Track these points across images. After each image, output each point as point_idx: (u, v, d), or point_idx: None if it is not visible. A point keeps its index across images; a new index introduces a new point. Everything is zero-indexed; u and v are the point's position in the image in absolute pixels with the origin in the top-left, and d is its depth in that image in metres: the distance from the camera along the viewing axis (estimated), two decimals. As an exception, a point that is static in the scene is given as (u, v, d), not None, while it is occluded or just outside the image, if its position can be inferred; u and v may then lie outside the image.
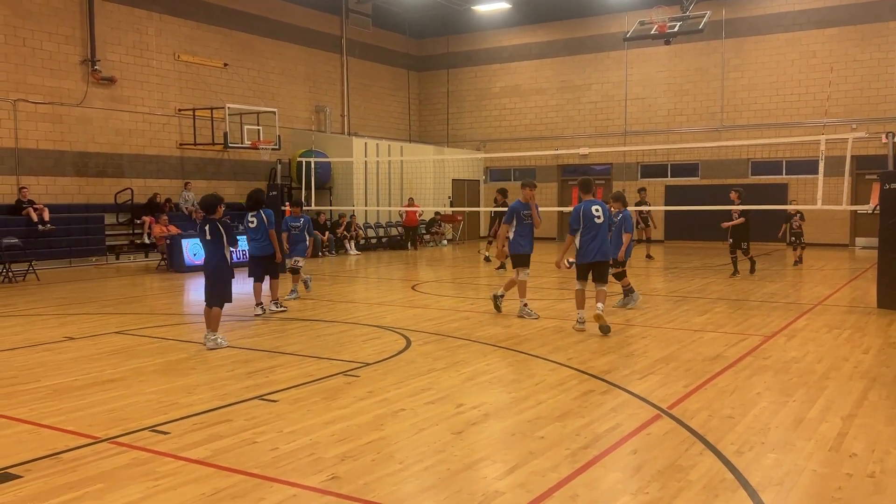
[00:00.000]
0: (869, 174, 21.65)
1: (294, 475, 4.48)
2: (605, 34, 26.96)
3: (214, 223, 8.36)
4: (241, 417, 5.66)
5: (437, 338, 8.93)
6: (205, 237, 8.39)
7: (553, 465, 4.62)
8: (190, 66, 21.78)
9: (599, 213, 9.22)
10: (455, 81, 30.50)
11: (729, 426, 5.39)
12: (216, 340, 8.34)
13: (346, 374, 7.05)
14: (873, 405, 5.93)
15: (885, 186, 10.90)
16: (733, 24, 24.68)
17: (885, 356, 7.79)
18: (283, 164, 20.66)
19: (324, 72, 26.60)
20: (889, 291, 10.79)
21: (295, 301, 12.10)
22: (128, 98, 20.20)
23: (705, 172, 25.58)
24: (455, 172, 28.06)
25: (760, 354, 7.88)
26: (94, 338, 9.06)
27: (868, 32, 22.97)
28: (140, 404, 6.07)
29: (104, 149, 19.71)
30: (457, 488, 4.28)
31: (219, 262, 8.40)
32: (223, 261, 8.40)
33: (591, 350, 8.12)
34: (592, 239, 9.12)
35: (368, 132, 27.86)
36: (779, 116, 24.24)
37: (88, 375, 7.09)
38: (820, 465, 4.61)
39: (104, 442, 5.11)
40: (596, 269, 9.21)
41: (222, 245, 8.36)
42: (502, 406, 5.98)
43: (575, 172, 28.81)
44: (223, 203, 8.68)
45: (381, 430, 5.35)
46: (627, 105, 26.90)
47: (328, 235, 21.97)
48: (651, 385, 6.59)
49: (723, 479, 4.40)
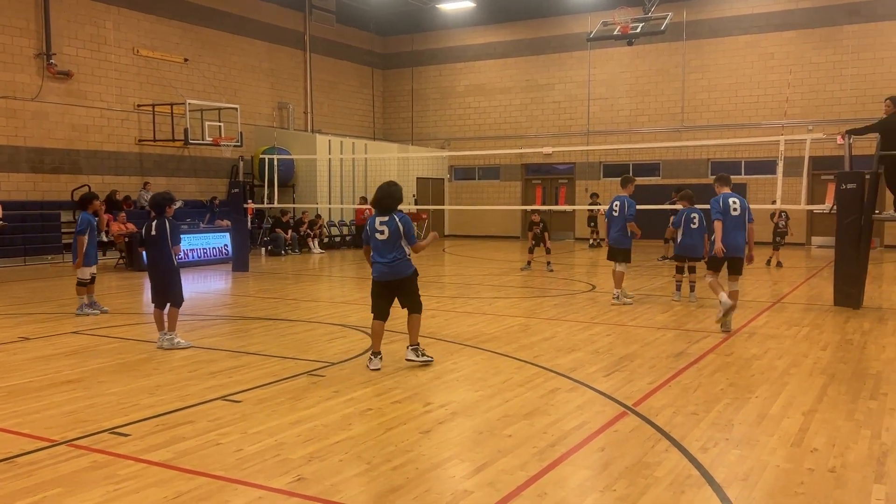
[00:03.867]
0: (825, 174, 22.12)
1: (259, 477, 4.41)
2: (568, 34, 27.14)
3: (162, 221, 8.22)
4: (204, 419, 5.56)
5: (402, 336, 8.86)
6: (149, 233, 8.22)
7: (521, 464, 4.61)
8: (149, 60, 21.39)
9: (737, 205, 9.12)
10: (420, 79, 30.44)
11: (693, 423, 5.45)
12: (173, 340, 8.18)
13: (312, 373, 6.97)
14: (833, 400, 6.05)
15: (841, 186, 11.13)
16: (694, 25, 25.02)
17: (843, 352, 7.95)
18: (245, 161, 20.41)
19: (287, 68, 26.34)
20: (845, 289, 11.02)
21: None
22: (85, 93, 19.76)
23: (666, 172, 25.90)
24: (419, 171, 28.01)
25: (723, 351, 7.99)
26: (51, 338, 8.84)
27: (824, 36, 23.48)
28: (99, 406, 5.93)
29: (60, 144, 19.26)
30: (425, 488, 4.25)
31: (166, 262, 8.24)
32: (169, 260, 8.24)
33: (556, 348, 8.15)
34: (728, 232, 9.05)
35: (332, 130, 27.67)
36: (738, 117, 24.65)
37: (45, 376, 6.90)
38: (783, 461, 4.68)
39: (62, 445, 4.98)
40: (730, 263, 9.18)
41: (167, 244, 8.20)
42: (470, 404, 5.97)
43: (538, 171, 29.04)
44: (174, 202, 8.53)
45: (348, 429, 5.30)
46: (590, 105, 27.11)
47: (291, 234, 21.76)
48: (616, 382, 6.63)
49: (689, 475, 4.44)
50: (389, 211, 7.18)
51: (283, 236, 21.40)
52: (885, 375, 6.89)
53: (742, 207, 9.16)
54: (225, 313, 10.74)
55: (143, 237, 8.39)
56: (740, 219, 9.12)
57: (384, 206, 7.19)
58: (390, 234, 7.10)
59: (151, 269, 8.38)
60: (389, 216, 7.15)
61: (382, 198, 7.20)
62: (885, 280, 14.61)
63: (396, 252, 7.14)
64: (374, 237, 7.18)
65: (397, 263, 7.16)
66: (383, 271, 7.19)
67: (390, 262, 7.15)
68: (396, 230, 7.09)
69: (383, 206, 7.19)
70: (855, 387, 6.48)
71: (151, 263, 8.35)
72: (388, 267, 7.16)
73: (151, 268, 8.37)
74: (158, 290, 8.34)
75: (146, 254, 8.48)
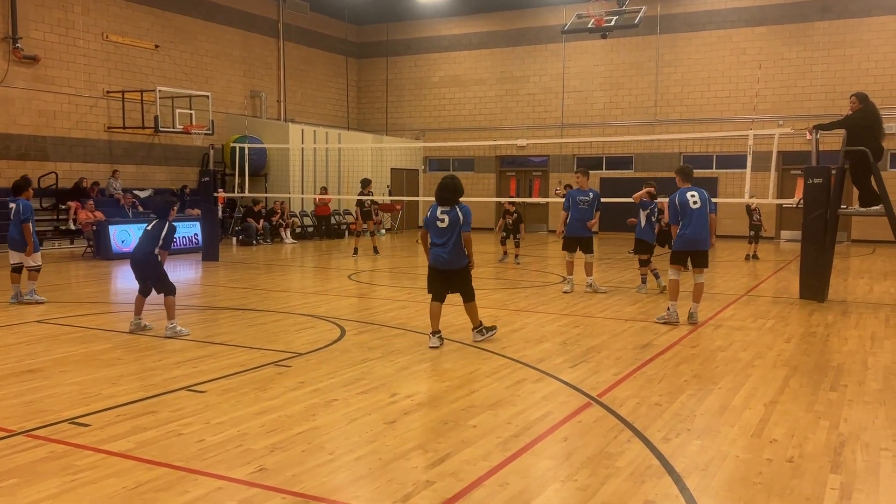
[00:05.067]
0: (794, 169, 22.39)
1: (220, 467, 4.37)
2: (543, 26, 27.16)
3: (163, 223, 8.25)
4: (166, 409, 5.50)
5: (372, 327, 8.87)
6: (147, 227, 8.33)
7: (484, 454, 4.62)
8: (119, 46, 21.06)
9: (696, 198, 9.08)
10: (394, 69, 30.30)
11: (657, 413, 5.49)
12: (175, 329, 8.16)
13: (278, 364, 6.93)
14: (794, 392, 6.13)
15: (808, 181, 11.27)
16: (668, 20, 25.17)
17: (807, 345, 8.07)
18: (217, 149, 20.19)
19: (260, 56, 26.08)
20: (811, 283, 11.17)
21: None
22: (52, 78, 19.41)
23: (639, 165, 26.06)
24: (394, 161, 27.92)
25: (688, 343, 8.07)
26: (13, 326, 8.69)
27: (795, 32, 23.74)
28: (60, 396, 5.84)
29: (27, 130, 18.91)
30: (387, 478, 4.25)
31: (151, 261, 8.21)
32: (151, 255, 8.20)
33: (524, 339, 8.18)
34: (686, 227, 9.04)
35: (305, 119, 27.47)
36: (710, 112, 24.86)
37: (5, 366, 6.79)
38: (742, 451, 4.74)
39: (19, 435, 4.90)
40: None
41: (155, 244, 8.17)
42: (436, 395, 5.97)
43: (513, 164, 29.08)
44: (176, 205, 8.59)
45: (312, 420, 5.28)
46: (565, 98, 27.18)
47: (263, 223, 21.59)
48: (582, 373, 6.67)
49: (649, 465, 4.48)
50: (452, 202, 7.66)
51: (255, 226, 21.24)
52: (846, 367, 7.00)
53: (703, 199, 9.06)
54: (193, 303, 10.64)
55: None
56: (702, 211, 9.02)
57: (445, 199, 7.67)
58: (450, 223, 7.58)
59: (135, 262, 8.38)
60: (451, 207, 7.65)
61: (444, 190, 7.67)
62: (850, 274, 14.85)
63: (454, 241, 7.59)
64: (436, 224, 7.65)
65: (453, 253, 7.63)
66: (439, 257, 7.69)
67: (447, 250, 7.62)
68: (456, 219, 7.58)
69: (445, 199, 7.67)
70: (816, 378, 6.58)
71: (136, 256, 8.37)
72: (444, 254, 7.64)
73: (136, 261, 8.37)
74: (144, 282, 8.36)
75: (135, 245, 8.55)
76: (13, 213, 10.17)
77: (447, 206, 7.64)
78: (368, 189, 18.19)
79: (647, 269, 12.04)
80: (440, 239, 7.63)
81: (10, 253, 10.43)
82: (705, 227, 9.08)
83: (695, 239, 9.03)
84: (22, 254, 10.29)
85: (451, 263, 7.66)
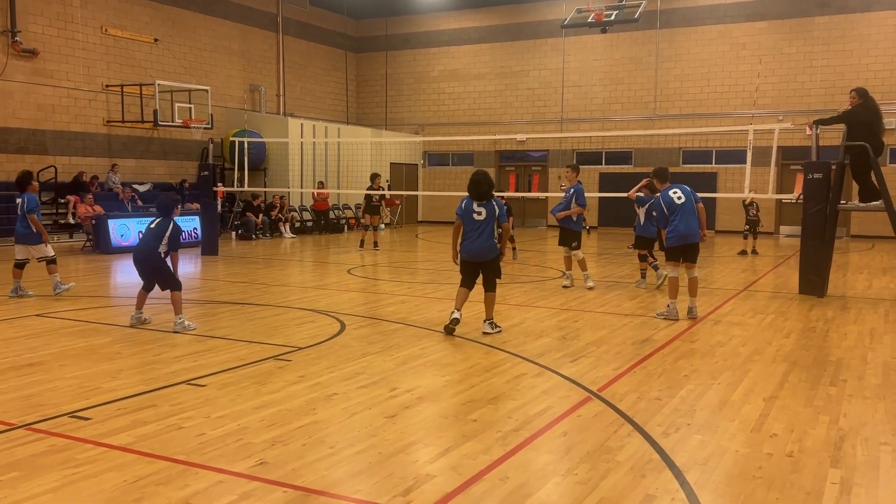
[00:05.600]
0: (794, 164, 22.40)
1: (221, 461, 4.38)
2: (542, 21, 27.11)
3: (167, 221, 8.25)
4: (166, 403, 5.50)
5: (372, 321, 8.87)
6: (149, 226, 8.35)
7: (485, 448, 4.63)
8: (118, 40, 21.00)
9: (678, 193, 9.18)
10: (393, 64, 30.25)
11: (656, 408, 5.50)
12: (183, 324, 8.16)
13: (278, 358, 6.93)
14: (793, 387, 6.14)
15: (808, 176, 11.26)
16: (667, 14, 25.13)
17: (806, 340, 8.08)
18: (216, 143, 20.17)
19: (259, 50, 26.02)
20: (810, 278, 11.18)
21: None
22: (51, 72, 19.37)
23: (638, 160, 26.04)
24: (393, 156, 27.89)
25: (688, 338, 8.08)
26: (12, 320, 8.69)
27: (795, 27, 23.71)
28: (60, 389, 5.84)
29: (26, 124, 18.88)
30: (387, 472, 4.25)
31: (154, 258, 8.22)
32: (157, 256, 8.21)
33: (524, 334, 8.18)
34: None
35: (304, 113, 27.43)
36: (709, 106, 24.84)
37: (5, 360, 6.79)
38: (742, 446, 4.75)
39: (20, 429, 4.90)
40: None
41: (159, 242, 8.18)
42: (436, 389, 5.98)
43: (512, 159, 29.06)
44: (180, 203, 8.61)
45: (312, 414, 5.28)
46: (564, 92, 27.15)
47: (262, 218, 21.58)
48: (582, 368, 6.68)
49: (649, 459, 4.48)
50: (489, 196, 7.92)
51: (254, 220, 21.22)
52: (846, 362, 7.01)
53: (686, 194, 9.19)
54: (193, 297, 10.63)
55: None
56: (687, 206, 9.13)
57: (483, 193, 7.90)
58: (487, 215, 7.88)
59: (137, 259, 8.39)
60: (488, 201, 7.91)
61: (480, 185, 7.88)
62: (849, 269, 14.86)
63: (488, 233, 7.90)
64: (472, 217, 7.90)
65: (488, 243, 7.93)
66: (472, 251, 7.97)
67: (482, 240, 7.91)
68: (493, 211, 7.89)
69: (482, 193, 7.90)
70: (815, 373, 6.59)
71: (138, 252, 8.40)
72: (479, 245, 7.92)
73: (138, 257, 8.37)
74: (148, 278, 8.37)
75: (139, 241, 8.59)
76: (19, 207, 10.22)
77: (484, 200, 7.91)
78: (377, 183, 18.15)
79: (647, 265, 12.04)
80: (476, 231, 7.91)
81: (16, 247, 10.48)
82: (694, 220, 9.16)
83: (686, 233, 9.09)
84: (29, 248, 10.33)
85: (485, 255, 7.98)
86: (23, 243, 10.36)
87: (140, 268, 8.38)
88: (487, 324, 8.16)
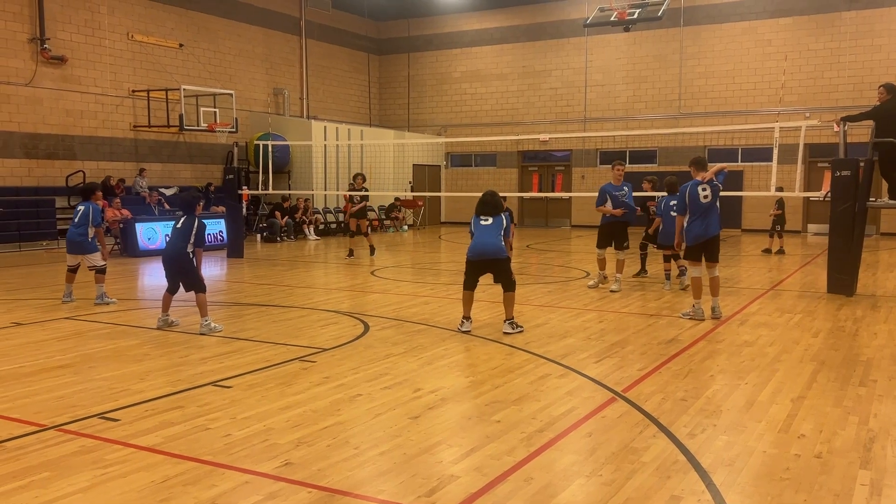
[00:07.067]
0: (821, 162, 22.10)
1: (247, 462, 4.42)
2: (565, 20, 27.01)
3: (191, 219, 8.35)
4: (193, 404, 5.57)
5: (395, 323, 8.90)
6: (175, 226, 8.44)
7: (509, 449, 4.62)
8: (144, 46, 21.27)
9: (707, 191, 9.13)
10: (416, 65, 30.31)
11: (682, 409, 5.46)
12: (209, 326, 8.24)
13: (303, 359, 6.98)
14: (821, 387, 6.06)
15: (836, 174, 11.11)
16: (691, 11, 24.91)
17: (834, 339, 7.97)
18: (241, 147, 20.34)
19: (282, 53, 26.21)
20: (838, 277, 11.02)
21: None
22: (79, 78, 19.66)
23: (663, 159, 25.85)
24: (416, 157, 27.94)
25: (714, 338, 8.01)
26: (43, 323, 8.83)
27: (821, 22, 23.38)
28: (90, 391, 5.93)
29: (55, 130, 19.18)
30: (412, 473, 4.26)
31: (183, 258, 8.29)
32: (185, 255, 8.29)
33: (548, 334, 8.16)
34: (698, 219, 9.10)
35: (328, 115, 27.57)
36: (735, 104, 24.58)
37: (36, 362, 6.91)
38: (769, 447, 4.70)
39: (51, 430, 4.98)
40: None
41: (187, 241, 8.26)
42: (459, 390, 5.98)
43: (535, 159, 28.97)
44: (201, 200, 8.74)
45: (336, 415, 5.31)
46: (587, 91, 27.02)
47: (286, 220, 21.72)
48: (606, 369, 6.65)
49: (675, 460, 4.45)
50: (494, 215, 8.39)
51: (279, 223, 21.38)
52: (876, 362, 6.91)
53: (713, 192, 9.11)
54: (219, 299, 10.73)
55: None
56: (711, 204, 9.07)
57: (488, 212, 8.39)
58: (494, 221, 8.33)
59: (167, 259, 8.46)
60: (496, 215, 8.39)
61: (485, 205, 8.43)
62: (879, 267, 14.63)
63: (493, 237, 8.23)
64: (479, 223, 8.35)
65: (494, 242, 8.23)
66: (478, 246, 8.26)
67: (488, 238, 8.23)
68: (500, 221, 8.35)
69: (487, 212, 8.39)
70: (844, 373, 6.50)
71: (168, 253, 8.47)
72: (482, 244, 8.21)
73: (168, 257, 8.45)
74: (174, 279, 8.44)
75: (167, 242, 8.69)
76: (79, 215, 10.15)
77: (489, 216, 8.40)
78: (359, 183, 16.23)
79: (671, 265, 11.91)
80: (481, 238, 8.27)
81: (67, 256, 10.39)
82: (716, 220, 9.11)
83: (700, 233, 9.05)
84: (79, 256, 10.26)
85: (492, 252, 8.19)
86: (77, 252, 10.25)
87: (168, 267, 8.46)
88: (508, 323, 8.25)
